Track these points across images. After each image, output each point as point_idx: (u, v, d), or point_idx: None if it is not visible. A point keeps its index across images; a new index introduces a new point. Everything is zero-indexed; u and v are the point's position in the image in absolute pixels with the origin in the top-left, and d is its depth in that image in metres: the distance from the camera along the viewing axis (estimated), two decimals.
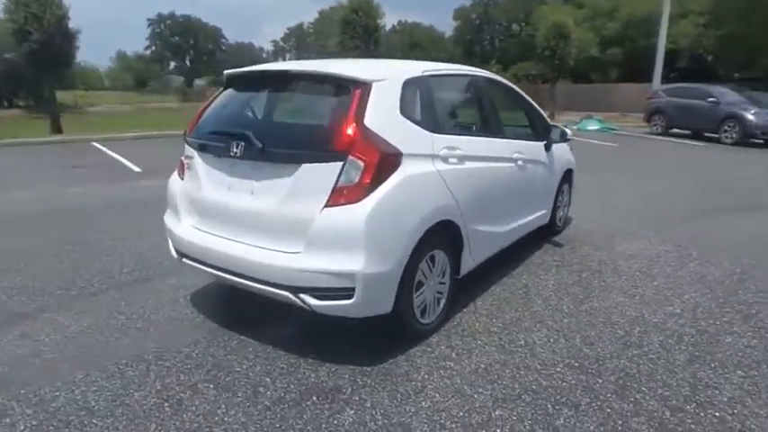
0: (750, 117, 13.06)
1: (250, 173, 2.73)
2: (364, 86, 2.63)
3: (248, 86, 3.16)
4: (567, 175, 4.98)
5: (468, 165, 3.14)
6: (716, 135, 13.86)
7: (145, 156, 10.12)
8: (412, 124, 2.79)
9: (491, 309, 3.39)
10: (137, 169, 8.75)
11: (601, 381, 2.57)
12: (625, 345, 2.93)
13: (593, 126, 17.94)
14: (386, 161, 2.52)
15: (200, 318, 3.23)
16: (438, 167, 2.87)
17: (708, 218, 5.89)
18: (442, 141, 2.95)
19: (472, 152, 3.20)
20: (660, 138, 15.08)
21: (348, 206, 2.46)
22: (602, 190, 7.27)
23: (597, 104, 25.48)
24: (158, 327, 3.13)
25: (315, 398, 2.41)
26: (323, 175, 2.50)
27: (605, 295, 3.63)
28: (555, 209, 4.82)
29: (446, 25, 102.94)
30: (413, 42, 66.11)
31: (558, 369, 2.67)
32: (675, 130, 15.73)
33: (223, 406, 2.35)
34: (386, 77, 2.74)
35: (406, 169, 2.62)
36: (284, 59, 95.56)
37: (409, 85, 2.86)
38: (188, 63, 77.45)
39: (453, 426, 2.22)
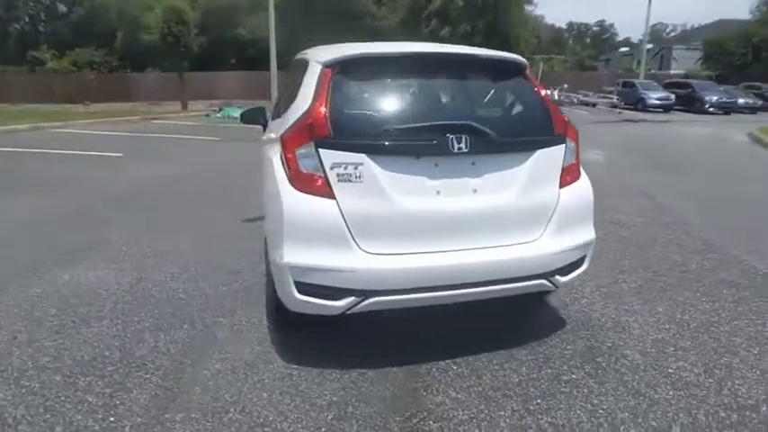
0: None
1: (465, 170, 2.40)
2: (527, 70, 2.74)
3: (397, 71, 2.48)
4: None
5: None
6: None
7: None
8: None
9: None
10: None
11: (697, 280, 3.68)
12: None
13: (237, 113, 18.56)
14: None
15: (367, 371, 2.48)
16: None
17: None
18: None
19: None
20: None
21: (576, 183, 2.64)
22: None
23: (202, 93, 25.46)
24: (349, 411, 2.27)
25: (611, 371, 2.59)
26: (551, 158, 2.56)
27: None
28: None
29: None
30: None
31: (670, 280, 3.63)
32: None
33: (568, 414, 2.24)
34: None
35: None
36: None
37: None
38: None
39: (716, 345, 2.80)
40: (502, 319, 3.05)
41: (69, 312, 3.12)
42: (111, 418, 2.17)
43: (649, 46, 30.38)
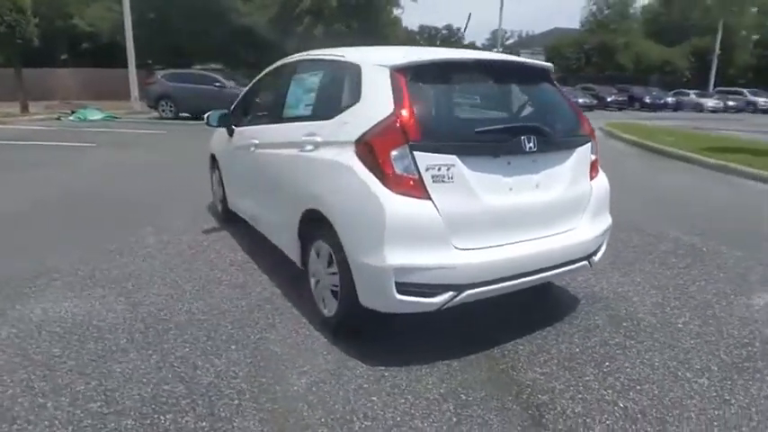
0: None
1: (529, 167, 2.66)
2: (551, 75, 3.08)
3: (462, 76, 2.62)
4: None
5: None
6: None
7: None
8: None
9: None
10: None
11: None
12: None
13: (96, 116, 16.61)
14: None
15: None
16: None
17: None
18: None
19: None
20: (185, 122, 16.08)
21: (599, 176, 3.07)
22: None
23: (36, 93, 22.01)
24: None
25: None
26: (583, 155, 2.93)
27: None
28: None
29: None
30: None
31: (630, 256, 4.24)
32: (184, 114, 17.01)
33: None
34: None
35: None
36: None
37: None
38: None
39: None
40: (524, 301, 3.36)
41: (78, 350, 2.70)
42: None
43: (500, 50, 34.00)
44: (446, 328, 2.95)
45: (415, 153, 2.36)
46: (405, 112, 2.40)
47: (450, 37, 56.57)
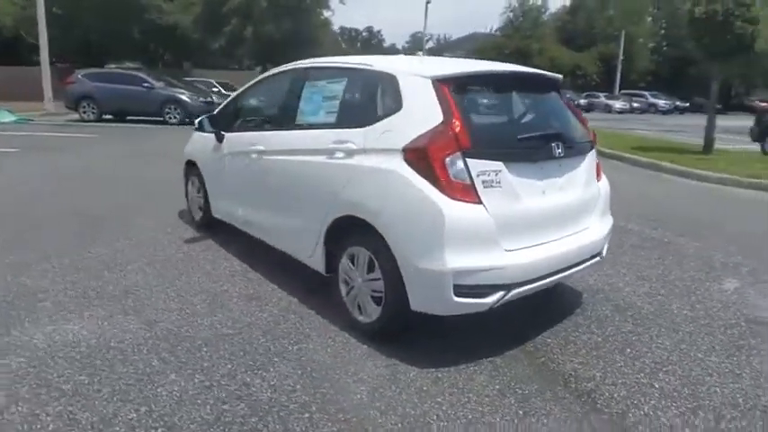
0: (188, 100, 15.42)
1: (555, 171, 2.87)
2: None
3: (495, 87, 2.76)
4: None
5: None
6: (159, 117, 15.34)
7: None
8: None
9: None
10: None
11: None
12: None
13: (6, 118, 15.16)
14: None
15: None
16: None
17: None
18: None
19: None
20: (111, 124, 15.02)
21: (602, 178, 3.33)
22: None
23: None
24: None
25: None
26: (592, 158, 3.19)
27: None
28: None
29: None
30: None
31: None
32: (107, 116, 15.90)
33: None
34: None
35: None
36: None
37: None
38: None
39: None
40: (536, 296, 3.57)
41: (109, 375, 2.53)
42: None
43: (424, 53, 35.04)
44: (475, 328, 3.07)
45: (468, 160, 2.48)
46: (455, 121, 2.51)
47: (370, 39, 57.10)
